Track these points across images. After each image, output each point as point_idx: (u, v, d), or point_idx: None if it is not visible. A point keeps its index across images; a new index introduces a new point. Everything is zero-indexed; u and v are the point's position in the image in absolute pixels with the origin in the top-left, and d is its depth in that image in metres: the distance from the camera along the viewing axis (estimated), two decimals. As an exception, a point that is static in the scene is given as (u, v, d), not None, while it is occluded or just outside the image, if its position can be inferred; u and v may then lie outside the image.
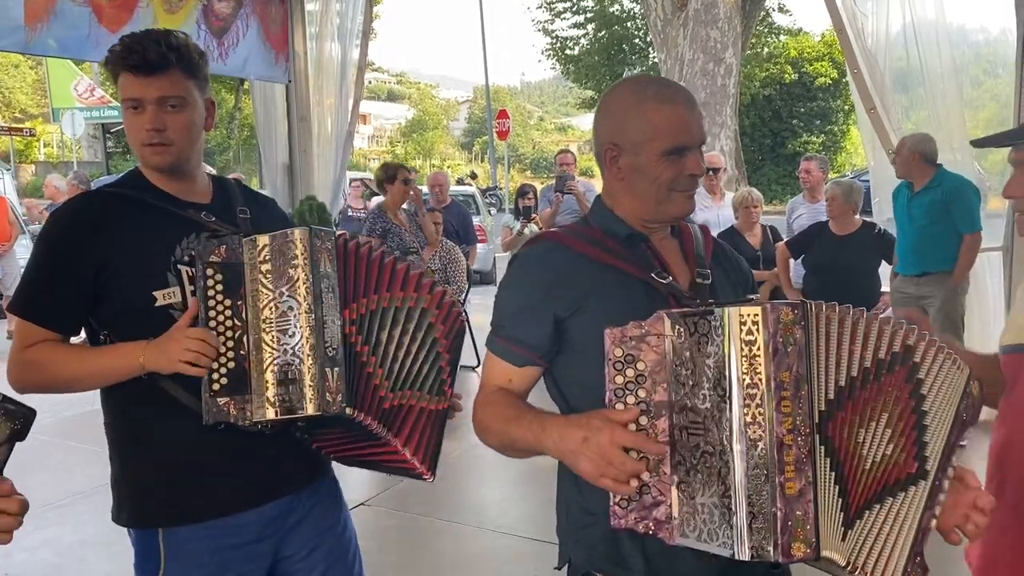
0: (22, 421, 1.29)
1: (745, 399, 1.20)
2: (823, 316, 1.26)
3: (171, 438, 1.72)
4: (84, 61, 19.26)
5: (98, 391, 1.82)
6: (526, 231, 6.62)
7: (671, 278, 1.48)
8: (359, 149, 45.35)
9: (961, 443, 1.40)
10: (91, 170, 20.81)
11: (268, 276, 1.65)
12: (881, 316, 1.32)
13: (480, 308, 7.56)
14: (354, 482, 4.54)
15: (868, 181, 5.86)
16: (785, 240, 5.70)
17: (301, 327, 1.64)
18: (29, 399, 1.43)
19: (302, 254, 1.64)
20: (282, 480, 1.86)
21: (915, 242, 4.95)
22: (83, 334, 1.81)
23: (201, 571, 1.78)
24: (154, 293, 1.70)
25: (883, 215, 5.55)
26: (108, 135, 29.66)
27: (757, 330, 1.20)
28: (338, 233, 1.76)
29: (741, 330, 1.20)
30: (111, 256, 1.69)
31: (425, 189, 7.68)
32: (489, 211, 16.50)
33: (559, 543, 1.58)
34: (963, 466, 1.39)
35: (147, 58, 1.69)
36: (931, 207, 4.82)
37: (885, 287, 5.40)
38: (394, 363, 1.76)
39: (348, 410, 1.67)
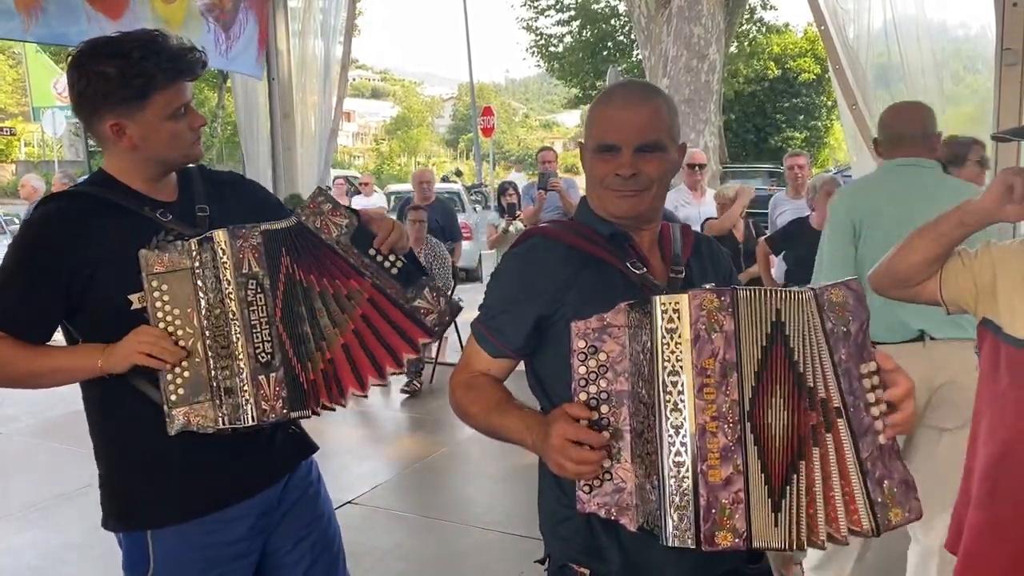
0: None
1: (665, 386, 1.23)
2: (763, 303, 1.25)
3: (153, 439, 1.71)
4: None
5: (80, 396, 1.81)
6: (511, 228, 6.62)
7: (645, 270, 1.50)
8: (343, 147, 45.19)
9: (866, 347, 1.30)
10: (73, 169, 20.61)
11: (204, 281, 1.67)
12: (766, 290, 1.27)
13: (466, 305, 7.49)
14: (340, 481, 4.54)
15: (850, 176, 5.89)
16: (765, 236, 5.72)
17: (235, 333, 1.66)
18: (14, 398, 1.43)
19: (223, 256, 1.66)
20: (269, 470, 1.88)
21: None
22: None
23: (191, 570, 1.79)
24: (129, 297, 1.68)
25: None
26: (90, 133, 29.40)
27: (678, 317, 1.22)
28: (264, 227, 1.72)
29: (663, 318, 1.23)
30: (84, 264, 1.68)
31: (408, 186, 7.66)
32: (474, 208, 16.48)
33: (542, 536, 1.61)
34: (882, 355, 1.30)
35: (201, 59, 1.74)
36: None
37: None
38: (306, 341, 1.74)
39: (293, 415, 1.70)
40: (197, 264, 1.67)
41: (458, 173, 31.60)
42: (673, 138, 1.53)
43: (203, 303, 1.67)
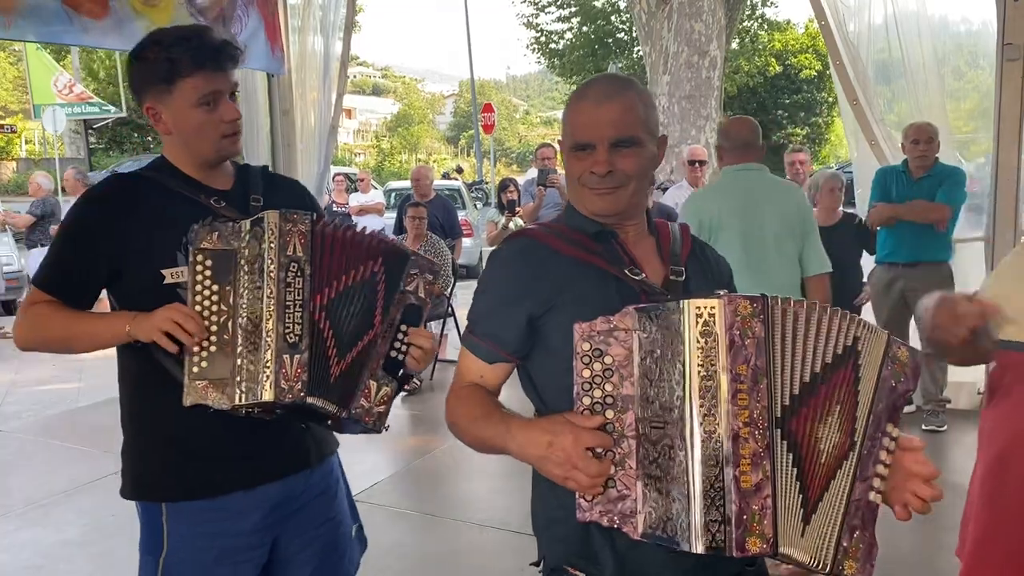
0: None
1: (701, 391, 1.21)
2: (789, 311, 1.27)
3: (174, 415, 1.73)
4: (63, 45, 19.00)
5: (79, 395, 1.82)
6: (511, 225, 6.60)
7: (644, 275, 1.48)
8: (344, 144, 45.19)
9: (898, 411, 1.36)
10: (83, 166, 20.57)
11: (247, 261, 1.70)
12: (840, 311, 1.32)
13: (466, 303, 7.48)
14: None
15: (851, 173, 5.88)
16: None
17: (267, 312, 1.68)
18: (15, 396, 1.42)
19: (270, 237, 1.70)
20: (283, 462, 1.90)
21: (912, 229, 4.94)
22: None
23: (203, 555, 1.82)
24: (163, 271, 1.76)
25: (866, 206, 5.58)
26: (90, 131, 29.42)
27: (714, 322, 1.21)
28: (316, 217, 1.79)
29: (698, 322, 1.22)
30: (126, 236, 1.77)
31: (408, 183, 7.66)
32: (475, 205, 16.49)
33: (536, 538, 1.59)
34: (906, 436, 1.36)
35: (231, 53, 1.80)
36: (938, 195, 4.85)
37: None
38: (345, 336, 1.77)
39: (310, 400, 1.70)
40: (244, 244, 1.71)
41: (459, 170, 31.56)
42: (650, 132, 1.50)
43: (243, 282, 1.70)
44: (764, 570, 1.55)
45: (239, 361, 1.67)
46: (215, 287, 1.70)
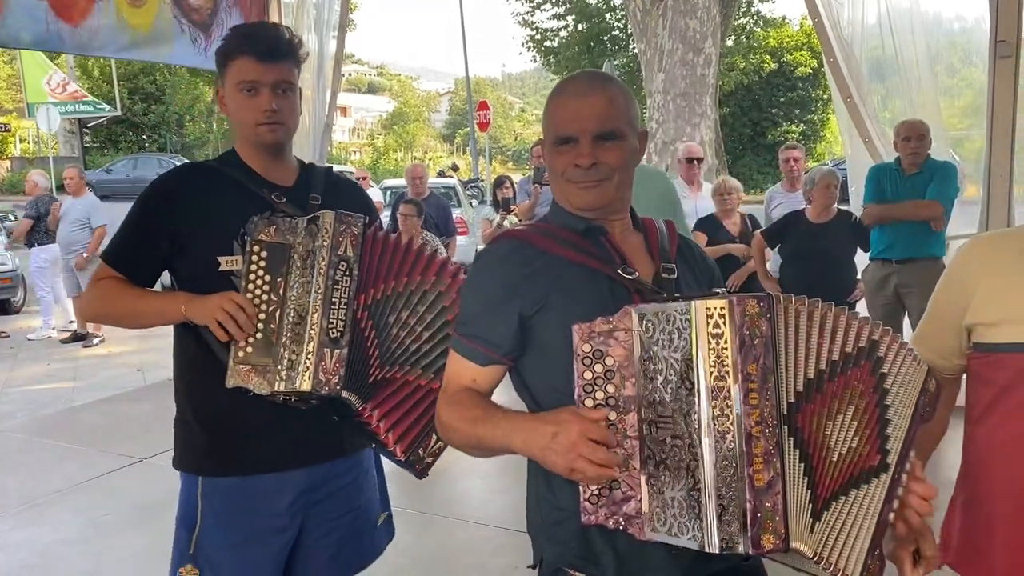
0: None
1: (713, 392, 1.20)
2: (791, 309, 1.27)
3: (217, 395, 1.80)
4: (48, 52, 18.97)
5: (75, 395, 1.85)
6: (506, 223, 6.61)
7: (636, 273, 1.46)
8: (339, 142, 45.16)
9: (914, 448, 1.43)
10: (80, 164, 20.50)
11: (300, 256, 1.79)
12: (848, 311, 1.33)
13: (462, 300, 7.44)
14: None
15: (846, 170, 5.89)
16: (761, 230, 5.71)
17: (314, 306, 1.77)
18: (10, 395, 1.42)
19: (324, 235, 1.79)
20: (316, 449, 1.96)
21: (906, 225, 4.94)
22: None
23: (234, 533, 1.91)
24: (218, 258, 1.85)
25: (860, 203, 5.59)
26: (85, 130, 29.34)
27: (724, 323, 1.20)
28: (369, 221, 1.89)
29: (708, 323, 1.21)
30: (186, 222, 1.87)
31: (403, 181, 7.65)
32: (471, 203, 16.48)
33: (531, 540, 1.57)
34: (913, 459, 1.41)
35: (276, 47, 1.88)
36: (929, 191, 4.86)
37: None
38: (392, 342, 1.86)
39: (344, 393, 1.77)
40: (299, 239, 1.80)
41: (454, 168, 31.56)
42: (632, 125, 1.49)
43: (294, 275, 1.79)
44: (759, 564, 1.55)
45: (282, 350, 1.76)
46: (267, 277, 1.79)
